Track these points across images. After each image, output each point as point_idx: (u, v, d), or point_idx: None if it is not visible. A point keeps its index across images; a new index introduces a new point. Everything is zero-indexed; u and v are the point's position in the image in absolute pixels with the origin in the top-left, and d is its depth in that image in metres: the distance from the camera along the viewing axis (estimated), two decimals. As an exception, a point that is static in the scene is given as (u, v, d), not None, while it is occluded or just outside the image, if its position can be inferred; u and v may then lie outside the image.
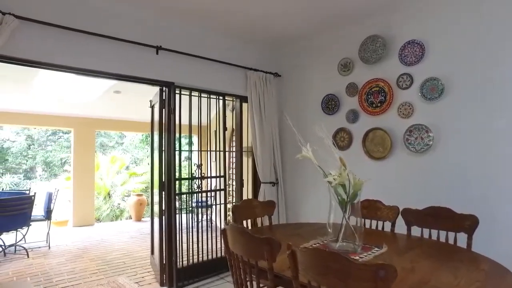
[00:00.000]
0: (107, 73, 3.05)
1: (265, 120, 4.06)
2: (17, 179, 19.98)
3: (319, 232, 2.57)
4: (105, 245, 5.69)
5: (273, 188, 4.13)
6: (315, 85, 4.06)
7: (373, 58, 3.43)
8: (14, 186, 19.13)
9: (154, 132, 4.03)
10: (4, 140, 21.14)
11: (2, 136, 21.44)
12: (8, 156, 20.19)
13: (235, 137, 4.22)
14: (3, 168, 20.02)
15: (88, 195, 7.70)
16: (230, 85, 4.00)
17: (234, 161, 6.52)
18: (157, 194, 3.69)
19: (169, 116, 3.43)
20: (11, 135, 21.93)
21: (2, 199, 4.58)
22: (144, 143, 14.68)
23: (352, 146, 3.62)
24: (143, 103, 6.61)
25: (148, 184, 10.24)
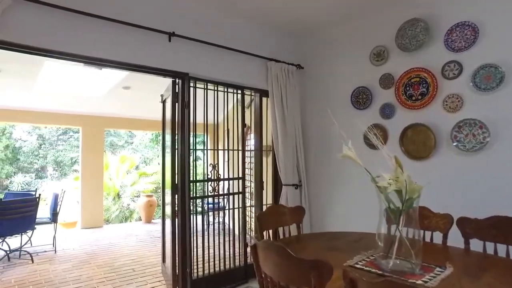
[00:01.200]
0: (111, 61, 2.71)
1: (288, 116, 3.68)
2: (29, 179, 20.02)
3: (361, 245, 2.19)
4: (114, 250, 5.39)
5: (296, 191, 3.75)
6: (343, 77, 3.67)
7: (412, 45, 3.02)
8: (26, 186, 19.15)
9: (165, 130, 3.69)
10: (16, 139, 21.22)
11: (14, 135, 21.54)
12: (19, 155, 20.24)
13: (255, 135, 3.84)
14: (16, 168, 20.08)
15: (96, 196, 7.42)
16: (249, 77, 3.63)
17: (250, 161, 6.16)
18: (169, 196, 3.35)
19: (182, 111, 3.08)
20: (23, 134, 22.02)
21: (5, 201, 4.30)
22: (154, 143, 14.44)
23: (387, 144, 3.22)
24: (153, 100, 6.29)
25: (158, 185, 9.95)
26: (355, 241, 2.34)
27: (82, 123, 7.26)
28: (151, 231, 6.98)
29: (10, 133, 20.15)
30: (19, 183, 18.85)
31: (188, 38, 3.06)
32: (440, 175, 2.84)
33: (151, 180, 9.83)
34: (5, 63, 4.30)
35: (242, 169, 3.52)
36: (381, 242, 1.83)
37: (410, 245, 1.71)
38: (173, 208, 3.10)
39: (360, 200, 3.45)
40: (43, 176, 21.01)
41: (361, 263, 1.85)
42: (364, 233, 2.49)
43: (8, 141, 19.34)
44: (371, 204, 3.41)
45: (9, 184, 19.01)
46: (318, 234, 2.61)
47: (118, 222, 9.14)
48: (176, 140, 3.12)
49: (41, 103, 6.26)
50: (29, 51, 2.42)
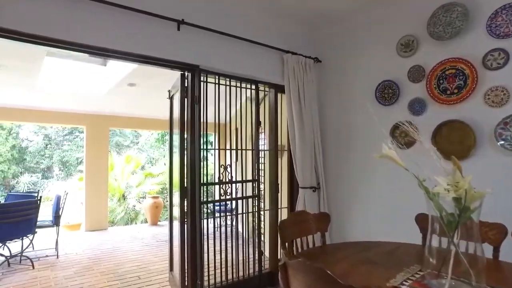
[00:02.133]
0: (113, 50, 2.44)
1: (305, 114, 3.39)
2: (36, 179, 19.95)
3: (398, 258, 1.90)
4: (118, 255, 5.13)
5: (314, 194, 3.45)
6: (366, 71, 3.37)
7: (447, 33, 2.71)
8: (32, 186, 19.07)
9: (173, 128, 3.42)
10: (23, 139, 21.18)
11: (21, 135, 21.51)
12: (26, 155, 20.18)
13: (269, 133, 3.55)
14: (22, 168, 20.02)
15: (101, 198, 7.19)
16: (264, 71, 3.35)
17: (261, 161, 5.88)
18: (176, 199, 3.08)
19: (192, 107, 2.81)
20: (30, 134, 21.99)
21: (3, 204, 4.05)
22: (160, 142, 14.22)
23: (417, 143, 2.90)
24: (159, 97, 6.02)
25: (164, 186, 9.69)
26: (390, 253, 2.04)
27: (87, 122, 7.04)
28: (157, 234, 6.73)
29: (16, 133, 20.11)
30: (25, 183, 18.78)
31: (199, 27, 2.78)
32: (482, 178, 2.51)
33: (157, 181, 9.58)
34: (4, 58, 4.06)
35: (256, 170, 3.23)
36: (432, 258, 1.53)
37: (470, 263, 1.41)
38: (182, 213, 2.83)
39: (385, 206, 3.15)
40: (49, 176, 20.94)
41: (407, 283, 1.55)
42: (397, 243, 2.20)
43: (14, 141, 19.28)
44: (398, 210, 3.12)
45: (15, 184, 18.96)
46: (345, 244, 2.31)
47: (123, 224, 8.90)
48: (185, 140, 2.85)
49: (45, 101, 6.05)
50: (27, 39, 2.17)
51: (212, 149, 3.17)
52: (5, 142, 18.70)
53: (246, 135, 3.32)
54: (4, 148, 18.60)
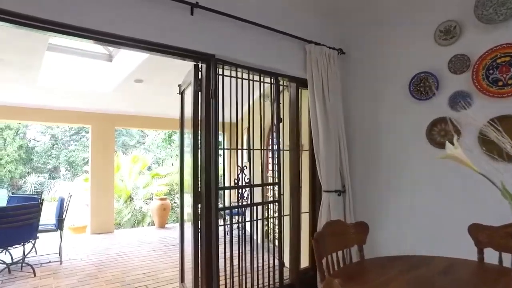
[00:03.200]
0: (119, 36, 2.14)
1: (330, 110, 3.06)
2: (43, 179, 19.88)
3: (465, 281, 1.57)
4: (124, 261, 4.84)
5: (338, 199, 3.12)
6: (397, 62, 3.03)
7: (500, 15, 2.37)
8: (39, 186, 18.98)
9: (184, 126, 3.12)
10: (29, 139, 21.13)
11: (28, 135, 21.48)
12: (33, 155, 20.11)
13: (290, 132, 3.23)
14: (29, 168, 19.95)
15: (107, 199, 6.92)
16: (284, 63, 3.03)
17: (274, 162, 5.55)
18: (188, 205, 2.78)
19: (207, 102, 2.50)
20: (37, 134, 21.95)
21: (2, 207, 3.78)
22: (166, 142, 13.96)
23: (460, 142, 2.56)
24: (168, 95, 5.72)
25: (172, 187, 9.42)
26: (446, 272, 1.72)
27: (92, 122, 6.78)
28: (165, 237, 6.44)
29: (24, 133, 20.06)
30: (32, 183, 18.70)
31: (214, 11, 2.47)
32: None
33: (164, 181, 9.30)
34: (2, 51, 3.80)
35: (277, 172, 2.91)
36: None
37: None
38: (196, 221, 2.52)
39: (423, 213, 2.80)
40: (56, 176, 20.86)
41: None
42: (448, 259, 1.87)
43: (22, 141, 19.21)
44: (440, 218, 2.71)
45: (23, 184, 18.88)
46: (388, 260, 1.98)
47: (130, 226, 8.65)
48: (198, 138, 2.54)
49: (50, 100, 5.80)
50: (25, 22, 1.87)
51: (230, 149, 2.81)
52: (12, 142, 18.63)
53: (262, 134, 3.00)
54: (11, 148, 18.52)
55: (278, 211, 2.91)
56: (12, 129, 18.82)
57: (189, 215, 2.75)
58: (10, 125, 18.76)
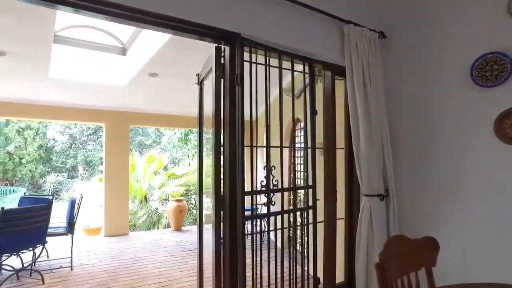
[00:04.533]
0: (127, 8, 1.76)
1: (372, 102, 2.62)
2: (61, 178, 20.06)
3: None
4: (138, 267, 4.51)
5: (381, 204, 2.67)
6: (454, 44, 2.56)
7: None
8: (58, 185, 19.13)
9: (203, 120, 2.74)
10: (49, 139, 21.38)
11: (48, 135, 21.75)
12: (52, 155, 20.32)
13: (325, 128, 2.79)
14: (49, 167, 20.17)
15: (121, 201, 6.64)
16: (319, 46, 2.61)
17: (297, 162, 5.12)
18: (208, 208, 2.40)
19: (231, 90, 2.10)
20: (56, 134, 22.22)
21: (7, 210, 3.49)
22: (183, 142, 13.68)
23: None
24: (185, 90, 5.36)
25: (189, 187, 9.09)
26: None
27: (106, 120, 6.51)
28: (181, 241, 6.11)
29: (43, 133, 20.28)
30: (51, 182, 18.86)
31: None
32: None
33: (180, 182, 8.98)
34: (8, 43, 3.52)
35: (312, 174, 2.48)
36: None
37: None
38: (217, 231, 2.12)
39: (492, 227, 2.32)
40: (74, 176, 21.02)
41: None
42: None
43: (41, 141, 19.41)
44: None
45: (42, 183, 19.08)
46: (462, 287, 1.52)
47: (145, 228, 8.37)
48: (221, 134, 2.15)
49: (61, 96, 5.55)
50: None
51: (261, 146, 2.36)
52: (32, 142, 18.84)
53: (285, 131, 2.58)
54: (32, 148, 18.73)
55: (313, 219, 2.48)
56: (32, 129, 19.04)
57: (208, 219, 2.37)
58: (30, 125, 18.98)
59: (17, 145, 18.47)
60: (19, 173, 18.74)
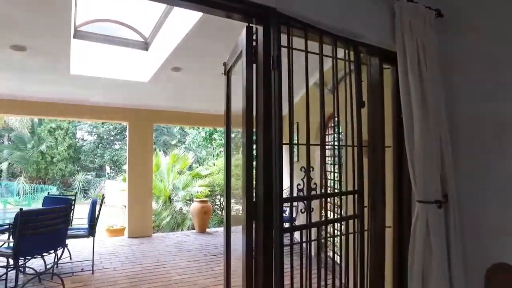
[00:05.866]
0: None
1: (430, 95, 2.21)
2: (90, 177, 20.53)
3: None
4: (160, 273, 4.28)
5: (439, 212, 2.25)
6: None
7: None
8: (86, 184, 19.57)
9: (231, 114, 2.43)
10: (78, 139, 21.96)
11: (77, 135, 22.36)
12: (81, 154, 20.84)
13: (371, 123, 2.40)
14: (78, 166, 20.70)
15: (145, 201, 6.48)
16: (365, 26, 2.23)
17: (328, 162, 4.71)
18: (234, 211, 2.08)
19: (265, 76, 1.76)
20: (85, 134, 22.82)
21: (25, 211, 3.32)
22: (207, 141, 13.51)
23: None
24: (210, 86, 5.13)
25: (214, 188, 8.85)
26: None
27: (129, 118, 6.37)
28: (205, 244, 5.86)
29: (73, 133, 20.83)
30: (80, 181, 19.32)
31: None
32: None
33: (205, 182, 8.75)
34: (27, 37, 3.36)
35: (358, 176, 2.11)
36: None
37: None
38: (249, 243, 1.79)
39: None
40: (102, 175, 21.46)
41: None
42: None
43: (71, 141, 19.93)
44: None
45: (72, 182, 19.58)
46: None
47: (169, 229, 8.20)
48: (255, 130, 1.81)
49: (83, 93, 5.43)
50: None
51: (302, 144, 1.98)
52: (62, 142, 19.36)
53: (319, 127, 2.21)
54: (62, 147, 19.25)
55: (359, 228, 2.11)
56: (62, 129, 19.58)
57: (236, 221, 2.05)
58: (61, 125, 19.53)
59: (49, 144, 19.03)
60: (51, 171, 19.31)
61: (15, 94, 5.32)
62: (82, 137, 22.74)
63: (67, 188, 19.39)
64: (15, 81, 4.77)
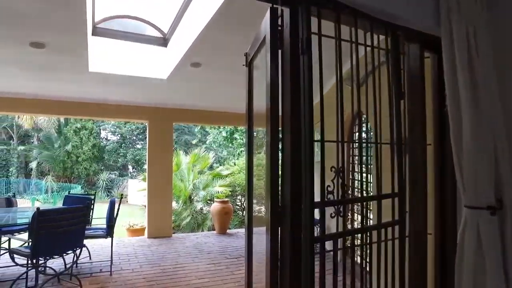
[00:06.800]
0: None
1: (482, 85, 1.92)
2: (113, 176, 20.93)
3: None
4: (179, 277, 4.13)
5: (493, 220, 1.95)
6: None
7: None
8: (110, 183, 19.94)
9: (253, 107, 2.22)
10: (102, 139, 22.44)
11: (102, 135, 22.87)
12: (104, 154, 21.29)
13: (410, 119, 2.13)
14: (102, 165, 21.15)
15: (165, 201, 6.38)
16: (403, 6, 1.96)
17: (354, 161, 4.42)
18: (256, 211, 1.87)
19: (293, 63, 1.54)
20: (108, 134, 23.30)
21: (43, 211, 3.25)
22: (228, 141, 13.39)
23: None
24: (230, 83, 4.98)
25: (235, 188, 8.69)
26: None
27: (149, 117, 6.29)
28: (226, 246, 5.68)
29: (97, 133, 21.31)
30: (103, 180, 19.71)
31: None
32: None
33: (226, 182, 8.59)
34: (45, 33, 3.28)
35: (398, 178, 1.85)
36: None
37: None
38: (274, 252, 1.58)
39: None
40: (125, 174, 21.83)
41: None
42: None
43: (95, 140, 20.38)
44: None
45: (96, 181, 20.02)
46: None
47: (189, 229, 8.09)
48: (281, 124, 1.59)
49: (102, 92, 5.38)
50: None
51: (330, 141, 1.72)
52: (87, 142, 19.82)
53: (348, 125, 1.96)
54: (87, 147, 19.71)
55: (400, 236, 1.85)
56: (87, 129, 20.06)
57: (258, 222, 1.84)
58: (85, 125, 20.00)
59: (74, 144, 19.52)
60: (76, 170, 19.80)
61: (36, 93, 5.33)
62: (106, 136, 23.22)
63: (92, 187, 19.81)
64: (35, 81, 4.76)
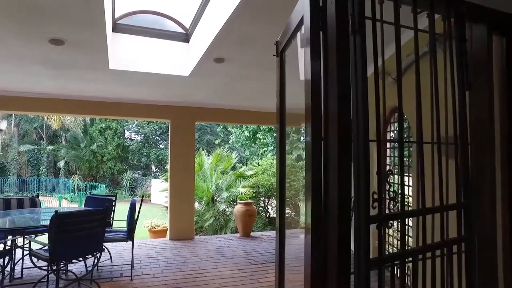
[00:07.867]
0: None
1: None
2: (137, 175, 21.21)
3: None
4: (202, 283, 3.93)
5: None
6: None
7: None
8: (133, 182, 20.20)
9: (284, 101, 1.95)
10: (126, 138, 22.79)
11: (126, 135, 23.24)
12: (128, 153, 21.59)
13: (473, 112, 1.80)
14: (126, 165, 21.48)
15: (187, 202, 6.22)
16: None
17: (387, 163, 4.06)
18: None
19: (340, 45, 1.25)
20: (132, 134, 23.66)
21: (62, 214, 3.10)
22: (251, 141, 13.15)
23: None
24: (255, 79, 4.73)
25: (258, 189, 8.44)
26: None
27: (171, 115, 6.14)
28: (250, 250, 5.44)
29: (121, 133, 21.65)
30: (127, 179, 19.99)
31: None
32: None
33: (249, 183, 8.34)
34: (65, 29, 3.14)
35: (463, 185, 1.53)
36: None
37: None
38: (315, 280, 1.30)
39: None
40: (148, 173, 22.07)
41: None
42: None
43: (119, 140, 20.70)
44: None
45: (120, 180, 20.34)
46: None
47: (211, 231, 7.91)
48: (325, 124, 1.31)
49: (123, 90, 5.27)
50: None
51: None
52: (112, 142, 20.16)
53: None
54: (111, 147, 20.05)
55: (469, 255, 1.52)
56: (111, 129, 20.40)
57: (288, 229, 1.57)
58: (110, 126, 20.35)
59: (99, 144, 19.90)
60: (101, 170, 20.19)
61: (58, 93, 5.29)
62: (129, 136, 23.58)
63: (116, 186, 20.14)
64: (56, 79, 4.68)
